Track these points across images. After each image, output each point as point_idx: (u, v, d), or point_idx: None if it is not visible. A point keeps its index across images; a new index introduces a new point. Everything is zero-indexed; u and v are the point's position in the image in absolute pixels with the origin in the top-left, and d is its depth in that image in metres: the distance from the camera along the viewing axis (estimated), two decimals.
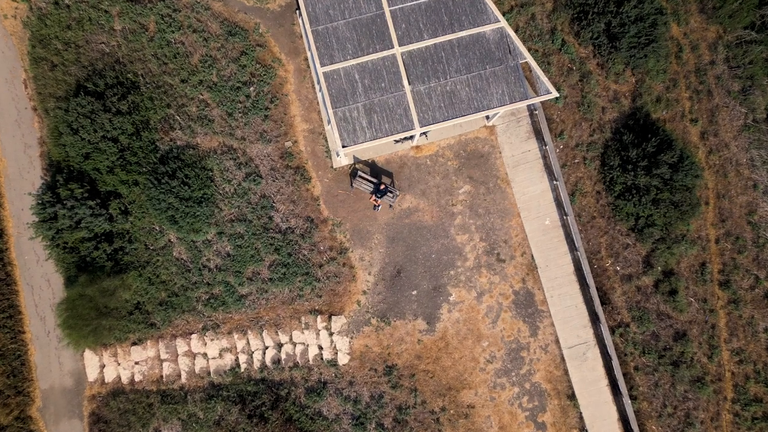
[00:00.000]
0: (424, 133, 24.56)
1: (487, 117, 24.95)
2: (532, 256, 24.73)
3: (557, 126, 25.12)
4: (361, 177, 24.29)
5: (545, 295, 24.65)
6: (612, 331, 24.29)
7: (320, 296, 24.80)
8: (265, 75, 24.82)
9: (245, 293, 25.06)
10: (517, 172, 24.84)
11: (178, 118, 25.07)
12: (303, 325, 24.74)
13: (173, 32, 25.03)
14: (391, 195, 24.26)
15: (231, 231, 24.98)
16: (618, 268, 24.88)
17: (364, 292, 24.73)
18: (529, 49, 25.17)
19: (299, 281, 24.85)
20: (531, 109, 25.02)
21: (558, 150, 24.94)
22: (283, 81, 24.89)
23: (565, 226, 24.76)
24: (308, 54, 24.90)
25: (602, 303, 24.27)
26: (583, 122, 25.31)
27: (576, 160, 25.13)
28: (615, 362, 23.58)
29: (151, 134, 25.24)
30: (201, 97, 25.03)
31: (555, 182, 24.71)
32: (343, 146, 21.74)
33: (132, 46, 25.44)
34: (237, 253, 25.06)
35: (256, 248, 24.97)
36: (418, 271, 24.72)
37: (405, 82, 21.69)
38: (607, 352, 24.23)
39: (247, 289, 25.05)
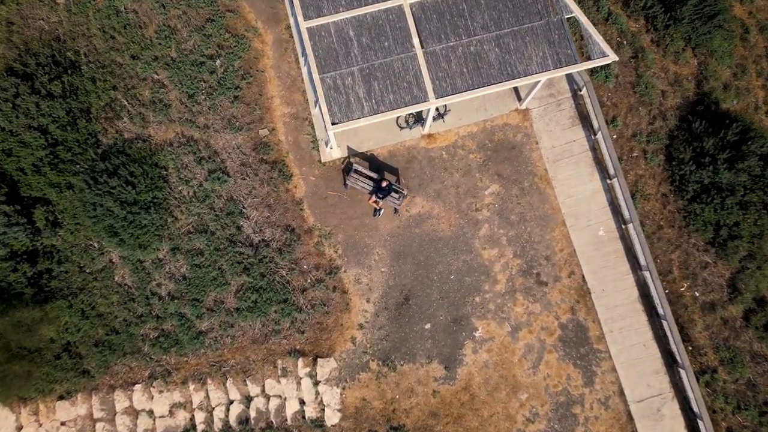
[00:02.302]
0: (440, 115, 19.15)
1: (519, 98, 19.62)
2: (583, 277, 18.78)
3: (608, 111, 19.73)
4: (357, 172, 18.68)
5: (602, 329, 18.55)
6: (695, 378, 18.01)
7: (303, 332, 18.71)
8: (236, 47, 19.63)
9: (205, 329, 19.02)
10: (559, 168, 19.25)
11: (126, 103, 19.75)
12: (279, 372, 18.56)
13: None
14: (396, 196, 18.58)
15: (188, 246, 19.18)
16: (696, 294, 18.88)
17: (361, 326, 18.65)
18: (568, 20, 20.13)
19: (275, 312, 18.81)
20: (574, 89, 19.71)
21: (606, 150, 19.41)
22: (259, 54, 19.68)
23: (625, 238, 18.93)
24: (287, 6, 19.80)
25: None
26: (640, 107, 19.93)
27: (634, 154, 19.59)
28: (706, 422, 17.20)
29: (92, 125, 19.85)
30: (156, 76, 19.79)
31: (610, 181, 19.07)
32: (333, 123, 16.28)
33: (75, 19, 20.45)
34: (195, 275, 19.15)
35: (219, 268, 19.07)
36: (433, 298, 18.70)
37: (415, 41, 16.46)
38: (691, 408, 17.90)
39: (208, 324, 19.02)
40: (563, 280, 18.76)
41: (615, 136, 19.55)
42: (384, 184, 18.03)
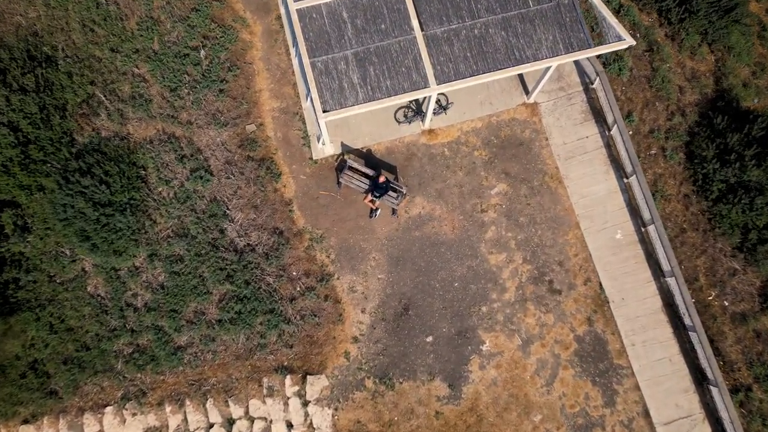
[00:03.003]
0: (442, 107, 17.72)
1: (526, 91, 18.23)
2: (600, 284, 17.07)
3: (623, 106, 18.31)
4: (351, 169, 17.15)
5: (623, 342, 16.75)
6: (730, 397, 16.13)
7: (291, 346, 16.91)
8: (222, 38, 18.33)
9: (183, 343, 17.25)
10: (571, 166, 17.73)
11: (104, 98, 18.36)
12: (265, 391, 16.72)
13: None
14: (394, 195, 17.01)
15: (167, 252, 17.53)
16: (726, 303, 17.14)
17: (356, 339, 16.86)
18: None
19: (260, 323, 17.05)
20: (586, 83, 18.34)
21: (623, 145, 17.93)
22: (247, 46, 18.37)
23: (646, 242, 17.28)
24: None
25: None
26: (657, 102, 18.54)
27: (652, 151, 18.09)
28: None
29: (67, 122, 18.43)
30: (136, 70, 18.45)
31: (627, 180, 17.53)
32: (325, 111, 14.83)
33: (54, 13, 19.26)
34: (173, 283, 17.45)
35: (200, 276, 17.39)
36: (435, 308, 16.95)
37: (414, 23, 15.14)
38: (725, 431, 15.98)
39: (187, 338, 17.25)
40: (578, 288, 17.03)
41: (631, 133, 18.09)
42: (381, 179, 16.47)
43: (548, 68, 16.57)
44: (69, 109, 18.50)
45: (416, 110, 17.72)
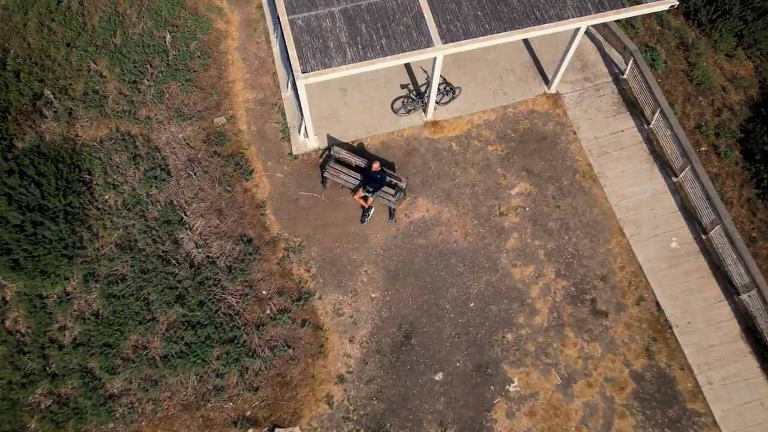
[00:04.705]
0: (450, 91, 14.89)
1: (546, 81, 15.55)
2: (657, 304, 13.26)
3: None
4: (339, 162, 13.97)
5: (696, 380, 12.63)
6: None
7: (256, 389, 12.77)
8: (194, 26, 16.01)
9: (117, 390, 13.14)
10: (606, 164, 14.59)
11: (52, 97, 15.69)
12: None
13: None
14: (391, 192, 13.69)
15: (107, 270, 13.94)
16: None
17: (342, 379, 12.75)
18: None
19: (217, 358, 13.04)
20: (615, 73, 15.72)
21: (669, 133, 14.98)
22: (223, 35, 15.97)
23: (709, 252, 13.71)
24: None
25: None
26: (700, 96, 15.81)
27: (702, 148, 15.04)
28: None
29: (7, 124, 15.65)
30: (93, 66, 15.95)
31: (676, 178, 14.32)
32: (304, 72, 12.00)
33: (11, 16, 17.23)
34: (110, 309, 13.67)
35: (144, 299, 13.64)
36: (445, 335, 13.01)
37: None
38: None
39: (122, 381, 13.18)
40: (629, 309, 13.20)
41: None
42: (375, 167, 13.23)
43: (568, 50, 14.06)
44: (12, 111, 15.80)
45: (417, 96, 14.91)
